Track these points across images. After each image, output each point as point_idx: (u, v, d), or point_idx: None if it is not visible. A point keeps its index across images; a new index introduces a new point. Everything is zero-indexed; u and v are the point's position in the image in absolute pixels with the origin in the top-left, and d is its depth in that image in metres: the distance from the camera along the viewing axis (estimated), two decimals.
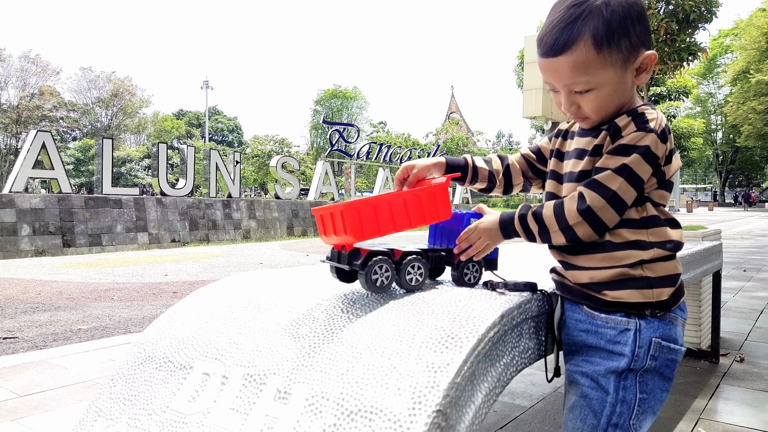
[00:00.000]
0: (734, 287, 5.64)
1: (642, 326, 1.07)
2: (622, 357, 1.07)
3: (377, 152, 21.09)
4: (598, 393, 1.09)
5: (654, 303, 1.07)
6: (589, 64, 1.03)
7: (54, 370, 2.95)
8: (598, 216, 1.03)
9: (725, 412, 2.30)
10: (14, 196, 10.14)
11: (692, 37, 7.12)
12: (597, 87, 1.06)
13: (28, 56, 47.85)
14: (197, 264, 8.76)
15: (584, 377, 1.11)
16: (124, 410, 1.08)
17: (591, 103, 1.08)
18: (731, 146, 55.32)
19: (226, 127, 72.20)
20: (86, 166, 49.06)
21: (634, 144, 1.03)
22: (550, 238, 1.09)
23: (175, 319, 1.30)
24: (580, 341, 1.13)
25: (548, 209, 1.09)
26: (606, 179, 1.03)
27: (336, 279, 1.23)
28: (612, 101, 1.07)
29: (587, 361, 1.12)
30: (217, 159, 14.34)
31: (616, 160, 1.04)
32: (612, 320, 1.09)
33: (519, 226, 1.12)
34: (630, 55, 1.04)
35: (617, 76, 1.05)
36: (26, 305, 5.23)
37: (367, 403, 0.85)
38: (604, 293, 1.09)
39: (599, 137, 1.09)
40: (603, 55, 1.02)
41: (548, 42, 1.05)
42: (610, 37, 1.02)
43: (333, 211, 1.10)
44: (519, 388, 2.58)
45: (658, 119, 1.05)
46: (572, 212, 1.05)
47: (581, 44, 1.02)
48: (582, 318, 1.13)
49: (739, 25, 43.40)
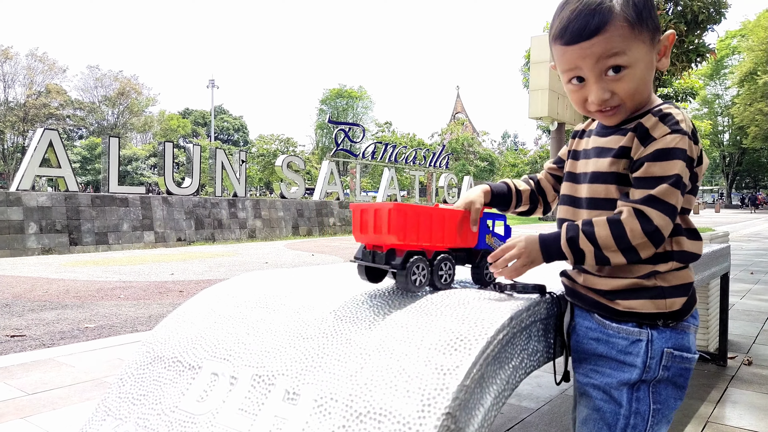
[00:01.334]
0: (742, 290, 5.61)
1: (654, 336, 1.05)
2: (634, 368, 1.05)
3: (382, 152, 21.10)
4: (611, 406, 1.07)
5: (666, 313, 1.05)
6: (623, 39, 1.01)
7: (61, 369, 2.96)
8: (664, 235, 1.00)
9: (733, 416, 2.29)
10: (21, 194, 10.19)
11: (701, 38, 7.08)
12: (632, 65, 1.02)
13: (35, 54, 48.07)
14: (203, 263, 8.79)
15: (596, 390, 1.09)
16: (133, 410, 1.08)
17: (626, 84, 1.03)
18: (738, 148, 55.08)
19: (232, 126, 72.36)
20: (93, 165, 49.26)
21: (674, 148, 0.99)
22: (608, 259, 1.02)
23: (184, 318, 1.30)
24: (591, 350, 1.11)
25: (602, 228, 1.02)
26: (666, 194, 0.98)
27: (363, 279, 1.21)
28: (645, 84, 1.05)
29: (598, 372, 1.10)
30: (222, 158, 14.38)
31: (664, 168, 0.99)
32: (624, 330, 1.06)
33: (567, 248, 1.05)
34: (655, 34, 1.04)
35: (648, 55, 1.04)
36: (33, 303, 5.25)
37: (375, 405, 0.85)
38: (616, 302, 1.07)
39: (626, 138, 1.05)
40: (636, 30, 1.01)
41: (578, 26, 1.02)
42: (638, 16, 1.01)
43: (380, 208, 1.09)
44: (526, 390, 2.57)
45: (686, 120, 1.02)
46: (637, 233, 0.99)
47: (615, 22, 1.00)
48: (593, 326, 1.11)
49: (746, 26, 43.20)
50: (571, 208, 1.16)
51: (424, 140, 45.60)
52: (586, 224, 1.04)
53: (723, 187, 63.54)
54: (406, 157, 22.17)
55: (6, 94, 46.44)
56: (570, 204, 1.16)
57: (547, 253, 1.08)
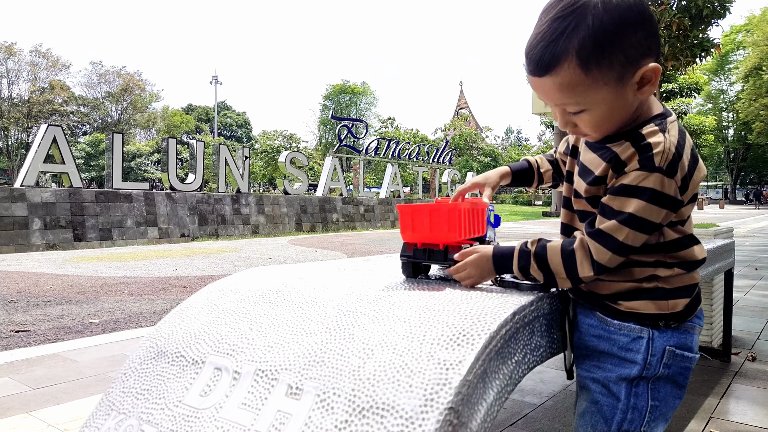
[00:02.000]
0: (746, 285, 5.59)
1: (655, 335, 1.05)
2: (634, 364, 1.05)
3: (386, 148, 21.08)
4: (609, 399, 1.07)
5: (668, 314, 1.05)
6: (576, 86, 0.93)
7: (66, 364, 2.98)
8: (607, 267, 1.01)
9: (737, 412, 2.29)
10: (25, 190, 10.23)
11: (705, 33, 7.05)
12: (589, 108, 0.97)
13: (39, 50, 48.15)
14: (207, 259, 8.81)
15: (595, 383, 1.10)
16: (137, 404, 1.09)
17: (586, 123, 1.00)
18: (743, 143, 54.90)
19: (235, 122, 72.42)
20: (96, 161, 49.39)
21: (637, 186, 0.95)
22: (556, 283, 1.07)
23: (187, 314, 1.30)
24: (592, 346, 1.11)
25: (555, 256, 1.05)
26: (612, 230, 0.98)
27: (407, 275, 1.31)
28: (610, 120, 0.99)
29: (599, 366, 1.10)
30: (226, 154, 14.39)
31: (621, 204, 0.97)
32: (625, 327, 1.06)
33: (519, 273, 1.10)
34: (626, 71, 0.93)
35: (612, 95, 0.95)
36: (38, 299, 5.27)
37: (378, 400, 0.85)
38: (618, 303, 1.07)
39: (602, 167, 1.01)
40: (592, 74, 0.92)
41: (533, 59, 0.95)
42: (598, 55, 0.90)
43: (436, 209, 1.19)
44: (529, 385, 2.57)
45: (665, 151, 0.94)
46: (584, 266, 1.02)
47: (566, 64, 0.91)
48: (594, 323, 1.11)
49: (751, 21, 42.98)
50: (570, 212, 1.16)
51: (427, 136, 45.58)
52: (540, 248, 1.06)
53: (727, 183, 63.36)
54: (410, 153, 22.15)
55: (10, 90, 46.56)
56: (568, 208, 1.16)
57: (499, 271, 1.13)
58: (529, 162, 1.34)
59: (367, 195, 19.82)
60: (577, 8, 0.90)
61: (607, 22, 0.89)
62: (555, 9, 0.93)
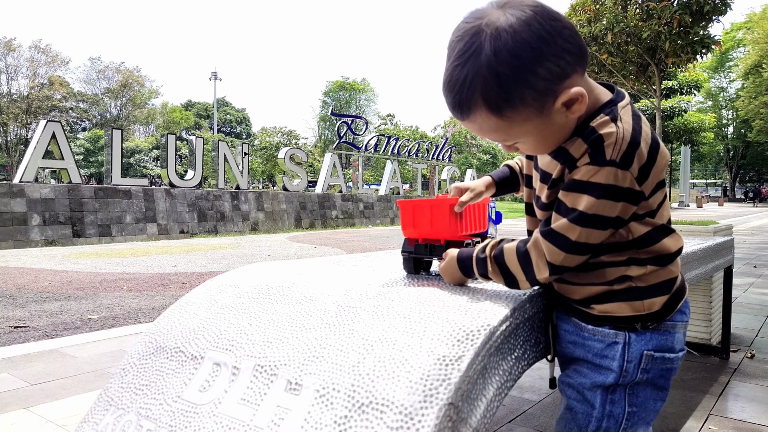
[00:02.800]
0: (744, 283, 5.60)
1: (632, 339, 1.00)
2: (610, 372, 1.01)
3: (385, 145, 21.06)
4: (584, 407, 1.04)
5: (645, 315, 0.99)
6: (496, 129, 0.91)
7: (65, 359, 2.98)
8: (563, 266, 0.96)
9: (736, 409, 2.29)
10: (24, 185, 10.21)
11: (706, 29, 7.03)
12: (521, 139, 0.94)
13: (38, 46, 48.07)
14: (206, 255, 8.80)
15: (570, 389, 1.06)
16: (136, 399, 1.09)
17: (524, 148, 0.97)
18: (742, 141, 54.93)
19: (235, 119, 72.36)
20: (96, 157, 49.35)
21: (587, 180, 0.90)
22: (518, 285, 1.03)
23: (186, 309, 1.30)
24: (569, 353, 1.08)
25: (511, 257, 1.01)
26: (563, 229, 0.93)
27: (408, 271, 1.31)
28: (548, 141, 0.94)
29: (576, 372, 1.06)
30: (225, 150, 14.38)
31: (572, 200, 0.92)
32: (599, 332, 1.01)
33: (481, 278, 1.08)
34: (544, 102, 0.87)
35: (539, 125, 0.90)
36: (37, 295, 5.27)
37: (378, 396, 0.85)
38: (591, 307, 1.02)
39: (558, 169, 0.97)
40: (507, 117, 0.88)
41: (449, 103, 0.92)
42: (506, 97, 0.85)
43: (437, 205, 1.19)
44: (527, 382, 2.57)
45: (617, 142, 0.89)
46: (540, 267, 0.97)
47: (478, 112, 0.88)
48: (570, 329, 1.07)
49: (752, 19, 42.94)
50: (534, 219, 1.11)
51: (427, 133, 45.56)
52: (498, 252, 1.03)
53: (727, 180, 63.38)
54: (409, 150, 22.14)
55: (9, 86, 46.50)
56: (531, 214, 1.13)
57: (466, 275, 1.11)
58: (509, 167, 1.27)
59: (367, 192, 19.80)
60: (471, 55, 0.85)
61: (503, 68, 0.83)
62: (454, 51, 0.87)
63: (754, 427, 2.09)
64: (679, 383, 2.56)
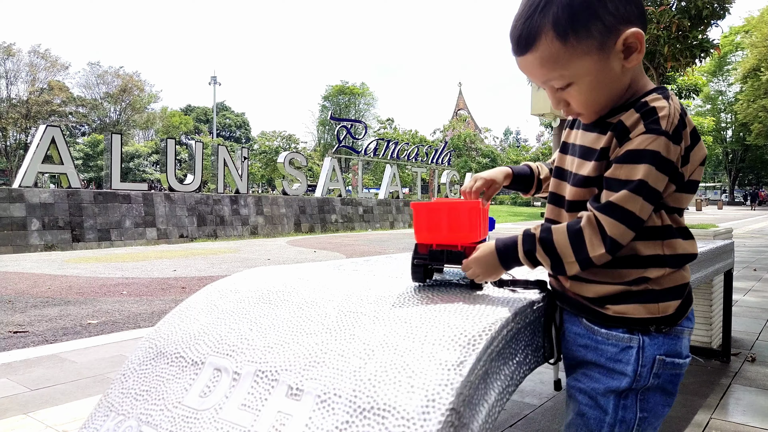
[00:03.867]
0: (744, 287, 5.59)
1: (645, 343, 0.99)
2: (624, 377, 1.00)
3: (384, 149, 21.07)
4: (596, 412, 1.02)
5: (659, 318, 0.99)
6: (557, 58, 0.93)
7: (64, 365, 2.97)
8: (621, 244, 0.94)
9: (737, 412, 2.28)
10: (24, 190, 10.21)
11: (704, 33, 7.04)
12: (575, 80, 0.95)
13: (38, 51, 48.08)
14: (205, 260, 8.79)
15: (582, 394, 1.05)
16: (136, 405, 1.08)
17: (575, 98, 0.98)
18: (741, 144, 54.97)
19: (234, 123, 72.39)
20: (95, 162, 49.31)
21: (644, 150, 0.91)
22: (564, 269, 0.98)
23: (186, 314, 1.29)
24: (580, 356, 1.06)
25: (561, 236, 0.97)
26: (625, 201, 0.91)
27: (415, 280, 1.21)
28: (599, 92, 0.96)
29: (587, 376, 1.05)
30: (224, 155, 14.38)
31: (629, 172, 0.92)
32: (613, 336, 1.00)
33: (526, 259, 1.01)
34: (606, 38, 0.91)
35: (596, 64, 0.93)
36: (36, 299, 5.26)
37: (379, 401, 0.85)
38: (606, 307, 1.01)
39: (605, 138, 0.97)
40: (570, 45, 0.91)
41: (514, 38, 0.96)
42: (575, 24, 0.90)
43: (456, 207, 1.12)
44: (528, 386, 2.57)
45: (670, 115, 0.92)
46: (596, 243, 0.94)
47: (543, 38, 0.92)
48: (581, 332, 1.05)
49: (750, 23, 43.02)
50: (557, 208, 1.10)
51: (426, 137, 45.58)
52: (545, 231, 0.99)
53: (726, 184, 63.44)
54: (408, 154, 22.15)
55: (8, 90, 46.49)
56: (555, 203, 1.10)
57: (506, 264, 1.04)
58: (530, 167, 1.30)
59: (366, 196, 19.81)
60: None
61: None
62: None
63: (755, 431, 2.09)
64: (680, 387, 2.55)
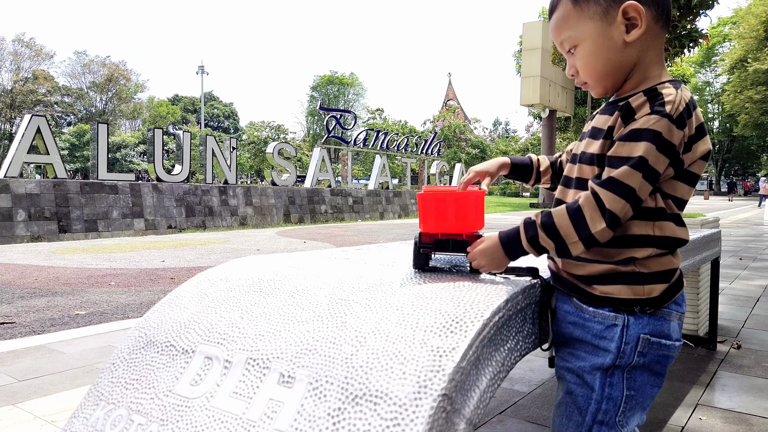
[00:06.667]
0: (731, 275, 5.66)
1: (630, 322, 1.03)
2: (608, 353, 1.04)
3: (374, 139, 21.02)
4: (584, 390, 1.06)
5: (644, 299, 1.03)
6: (568, 18, 1.06)
7: (52, 355, 2.95)
8: (620, 219, 0.97)
9: (723, 399, 2.31)
10: (9, 181, 10.08)
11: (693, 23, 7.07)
12: (579, 42, 1.06)
13: (22, 39, 47.37)
14: (194, 250, 8.75)
15: (570, 373, 1.09)
16: (126, 394, 1.08)
17: (579, 62, 1.07)
18: (728, 135, 55.41)
19: (222, 113, 71.86)
20: (81, 152, 48.78)
21: (646, 129, 0.96)
22: (569, 251, 1.01)
23: (176, 303, 1.29)
24: (567, 333, 1.10)
25: (561, 218, 1.00)
26: (624, 176, 0.96)
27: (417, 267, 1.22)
28: (598, 58, 1.04)
29: (574, 355, 1.09)
30: (213, 145, 14.27)
31: (630, 149, 0.96)
32: (599, 314, 1.05)
33: (530, 246, 1.04)
34: (610, 7, 1.01)
35: (597, 30, 1.03)
36: (23, 290, 5.21)
37: (371, 387, 0.85)
38: (593, 287, 1.05)
39: (613, 117, 1.02)
40: (579, 7, 1.04)
41: (549, 5, 1.12)
42: None
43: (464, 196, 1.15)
44: (518, 373, 2.58)
45: (676, 102, 0.97)
46: (595, 220, 0.97)
47: (563, 1, 1.07)
48: (571, 310, 1.10)
49: (738, 14, 43.23)
50: (564, 188, 1.14)
51: (416, 127, 45.52)
52: (545, 216, 1.02)
53: (712, 174, 64.01)
54: (398, 144, 22.11)
55: None
56: (564, 184, 1.15)
57: (511, 254, 1.07)
58: (531, 158, 1.36)
59: (356, 186, 19.78)
60: None
61: None
62: None
63: (741, 416, 2.12)
64: (668, 373, 2.58)
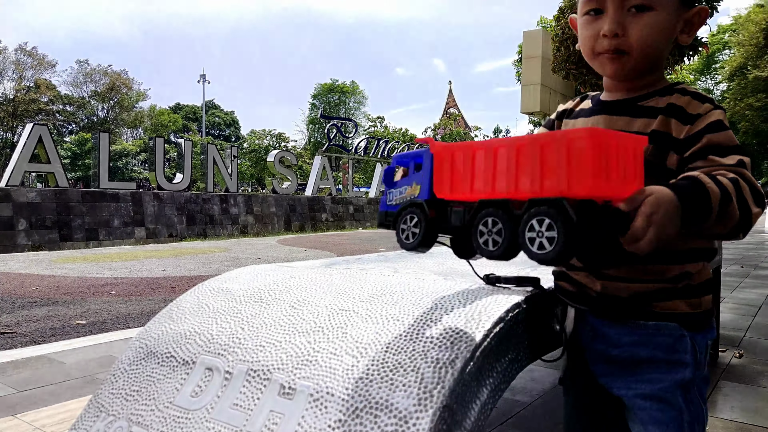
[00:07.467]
0: (732, 283, 5.65)
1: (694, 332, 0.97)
2: (686, 366, 0.95)
3: (375, 147, 21.07)
4: (671, 413, 0.95)
5: (700, 313, 0.98)
6: None
7: (53, 365, 2.94)
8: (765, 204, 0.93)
9: (725, 409, 2.30)
10: (11, 190, 10.10)
11: None
12: (658, 8, 0.94)
13: (24, 48, 47.58)
14: (195, 259, 8.75)
15: (648, 400, 0.97)
16: (127, 406, 1.07)
17: (642, 28, 0.94)
18: None
19: (223, 122, 72.02)
20: (83, 160, 48.84)
21: (721, 120, 0.92)
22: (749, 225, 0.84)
23: (177, 314, 1.29)
24: (627, 357, 0.99)
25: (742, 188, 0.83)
26: (748, 163, 0.88)
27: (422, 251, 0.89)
28: (660, 39, 0.96)
29: (644, 380, 0.97)
30: (214, 153, 14.32)
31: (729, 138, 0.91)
32: (664, 327, 0.96)
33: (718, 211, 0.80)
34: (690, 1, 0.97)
35: (675, 12, 0.96)
36: (24, 300, 5.21)
37: (372, 399, 0.85)
38: (653, 305, 0.97)
39: (657, 121, 0.94)
40: None
41: None
42: None
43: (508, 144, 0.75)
44: (519, 384, 2.58)
45: None
46: (750, 200, 0.83)
47: None
48: (624, 331, 0.99)
49: (737, 21, 43.37)
50: None
51: (416, 135, 45.59)
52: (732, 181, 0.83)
53: None
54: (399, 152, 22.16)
55: None
56: None
57: (686, 221, 0.79)
58: None
59: (357, 194, 19.79)
60: None
61: None
62: None
63: (744, 427, 2.11)
64: None
